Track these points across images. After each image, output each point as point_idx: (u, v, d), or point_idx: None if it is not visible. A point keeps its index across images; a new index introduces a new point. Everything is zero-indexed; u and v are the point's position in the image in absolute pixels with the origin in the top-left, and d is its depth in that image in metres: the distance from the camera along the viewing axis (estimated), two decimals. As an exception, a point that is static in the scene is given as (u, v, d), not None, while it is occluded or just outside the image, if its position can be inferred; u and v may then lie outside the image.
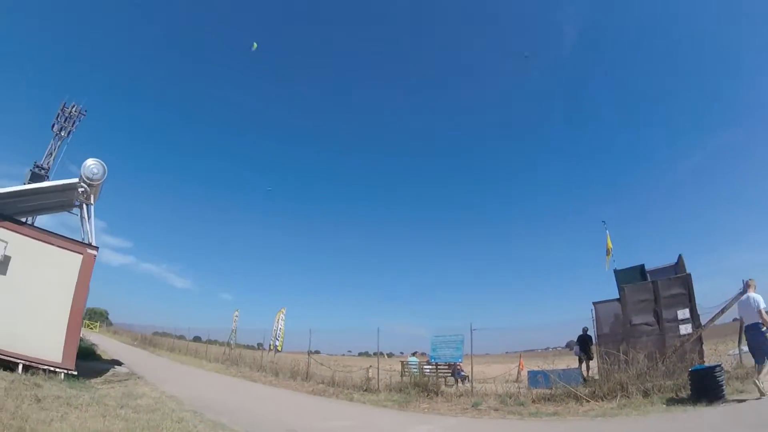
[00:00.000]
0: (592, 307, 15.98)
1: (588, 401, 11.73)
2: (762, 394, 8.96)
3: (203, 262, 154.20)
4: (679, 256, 14.75)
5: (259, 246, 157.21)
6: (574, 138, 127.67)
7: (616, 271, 16.72)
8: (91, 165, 14.00)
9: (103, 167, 14.16)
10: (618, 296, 15.32)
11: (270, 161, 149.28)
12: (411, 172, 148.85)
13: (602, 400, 11.54)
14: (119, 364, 20.45)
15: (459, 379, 18.67)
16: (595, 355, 15.71)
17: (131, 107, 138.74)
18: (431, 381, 16.57)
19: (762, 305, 9.36)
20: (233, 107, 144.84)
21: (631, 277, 15.76)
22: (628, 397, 11.23)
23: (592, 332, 16.28)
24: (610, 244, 18.59)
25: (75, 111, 30.58)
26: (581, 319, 16.90)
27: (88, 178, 13.93)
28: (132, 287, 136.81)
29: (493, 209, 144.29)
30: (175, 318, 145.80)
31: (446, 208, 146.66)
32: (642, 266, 15.95)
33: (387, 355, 23.53)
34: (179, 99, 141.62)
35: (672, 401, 10.29)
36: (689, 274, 13.51)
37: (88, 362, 17.52)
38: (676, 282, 13.67)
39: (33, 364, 11.68)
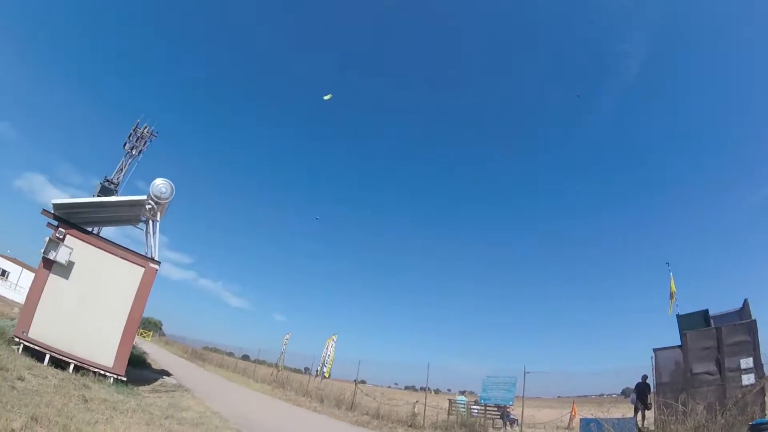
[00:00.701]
0: (653, 354, 15.13)
1: None
2: None
3: (260, 280, 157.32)
4: (745, 301, 13.66)
5: (316, 272, 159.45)
6: (639, 177, 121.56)
7: (678, 317, 15.74)
8: (160, 184, 14.87)
9: (171, 187, 15.00)
10: (680, 343, 14.37)
11: (331, 189, 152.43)
12: (475, 214, 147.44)
13: None
14: (168, 374, 20.90)
15: (508, 422, 17.99)
16: (652, 405, 14.72)
17: (201, 126, 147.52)
18: (479, 422, 16.19)
19: None
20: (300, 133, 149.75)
21: (694, 322, 14.76)
22: (684, 450, 10.41)
23: (651, 380, 15.26)
24: (673, 288, 17.55)
25: (147, 132, 32.91)
26: (640, 366, 16.02)
27: (156, 196, 14.74)
28: (188, 301, 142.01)
29: (553, 251, 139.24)
30: (227, 334, 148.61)
31: (506, 247, 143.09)
32: (706, 311, 14.90)
33: (434, 391, 22.96)
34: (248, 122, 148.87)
35: (728, 456, 9.43)
36: (754, 320, 12.46)
37: (138, 369, 18.06)
38: (741, 328, 12.63)
39: (84, 365, 12.29)
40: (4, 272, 54.20)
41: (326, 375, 26.63)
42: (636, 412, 15.52)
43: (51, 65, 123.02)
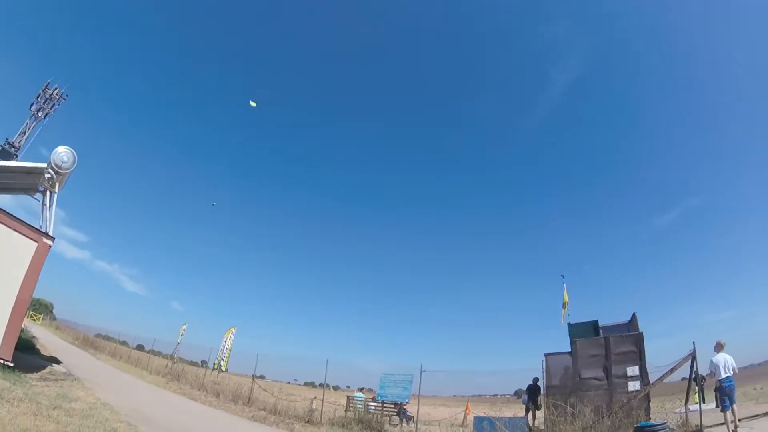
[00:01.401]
0: (544, 358, 15.86)
1: None
2: None
3: (159, 266, 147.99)
4: (633, 315, 14.93)
5: (216, 261, 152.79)
6: (542, 190, 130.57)
7: (569, 325, 16.80)
8: (62, 152, 13.53)
9: (74, 156, 13.72)
10: (570, 349, 15.34)
11: (234, 178, 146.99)
12: (378, 205, 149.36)
13: None
14: (57, 362, 19.41)
15: (404, 420, 18.21)
16: (542, 406, 15.59)
17: (114, 97, 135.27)
18: (376, 419, 16.26)
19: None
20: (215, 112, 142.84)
21: (584, 331, 15.85)
22: (573, 449, 11.09)
23: (541, 383, 16.17)
24: (566, 298, 18.78)
25: (57, 94, 29.46)
26: (532, 369, 16.83)
27: (56, 165, 13.47)
28: (82, 283, 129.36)
29: (455, 257, 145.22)
30: (121, 322, 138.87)
31: (408, 250, 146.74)
32: (596, 322, 16.09)
33: (333, 387, 22.87)
34: (163, 98, 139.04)
35: (616, 456, 10.22)
36: (641, 333, 13.69)
37: (26, 355, 16.80)
38: (628, 339, 13.81)
39: None
40: None
41: (223, 369, 25.61)
42: (527, 412, 16.41)
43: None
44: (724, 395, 10.57)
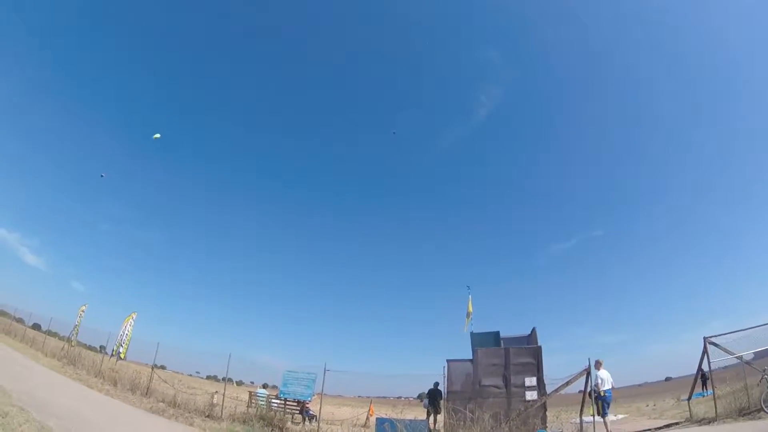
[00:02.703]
0: (446, 364, 16.47)
1: None
2: None
3: (62, 241, 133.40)
4: (533, 329, 16.13)
5: (123, 241, 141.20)
6: (461, 199, 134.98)
7: (472, 334, 17.74)
8: None
9: None
10: (471, 357, 16.20)
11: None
12: (286, 203, 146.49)
13: None
14: None
15: (307, 418, 18.22)
16: (443, 410, 16.15)
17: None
18: (278, 416, 16.18)
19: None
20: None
21: (486, 341, 16.82)
22: (472, 453, 11.77)
23: (442, 387, 16.84)
24: (470, 308, 19.79)
25: None
26: (434, 374, 17.38)
27: None
28: None
29: (364, 251, 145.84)
30: (18, 297, 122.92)
31: (315, 241, 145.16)
32: (497, 333, 17.13)
33: (236, 382, 22.28)
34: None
35: (512, 461, 11.01)
36: (540, 346, 14.82)
37: None
38: (528, 352, 14.90)
39: None
40: None
41: (122, 356, 23.96)
42: (428, 415, 16.97)
43: None
44: (606, 404, 12.58)
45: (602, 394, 13.13)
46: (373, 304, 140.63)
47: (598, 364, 13.76)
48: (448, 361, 16.61)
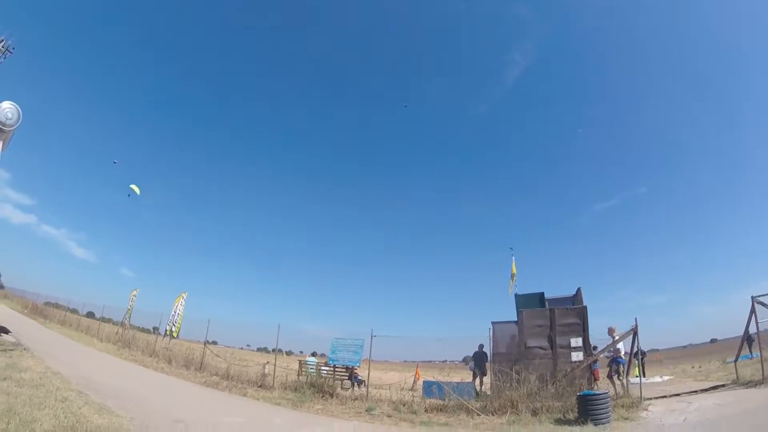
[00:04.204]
0: (491, 326, 16.55)
1: (479, 415, 12.19)
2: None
3: (108, 232, 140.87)
4: (578, 289, 15.78)
5: (166, 225, 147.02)
6: (500, 163, 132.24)
7: (516, 296, 17.64)
8: (6, 108, 12.64)
9: (18, 112, 12.83)
10: (516, 319, 16.13)
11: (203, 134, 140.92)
12: (326, 172, 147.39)
13: (492, 415, 12.08)
14: (6, 331, 18.79)
15: (355, 383, 18.68)
16: (488, 372, 16.27)
17: (63, 55, 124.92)
18: (328, 382, 16.51)
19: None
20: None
21: (530, 302, 16.65)
22: (518, 414, 11.81)
23: (487, 349, 16.88)
24: (514, 270, 19.57)
25: (2, 47, 27.28)
26: (479, 336, 17.45)
27: (0, 123, 12.60)
28: (29, 250, 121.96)
29: (406, 219, 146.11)
30: (70, 289, 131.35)
31: (357, 209, 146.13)
32: (542, 294, 16.89)
33: (286, 353, 23.04)
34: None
35: (559, 422, 10.96)
36: (585, 307, 14.55)
37: None
38: (573, 312, 14.69)
39: None
40: None
41: (175, 335, 25.15)
42: (474, 377, 17.03)
43: None
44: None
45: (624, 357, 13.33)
46: (417, 269, 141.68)
47: (611, 331, 14.06)
48: (493, 323, 16.63)
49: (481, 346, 17.36)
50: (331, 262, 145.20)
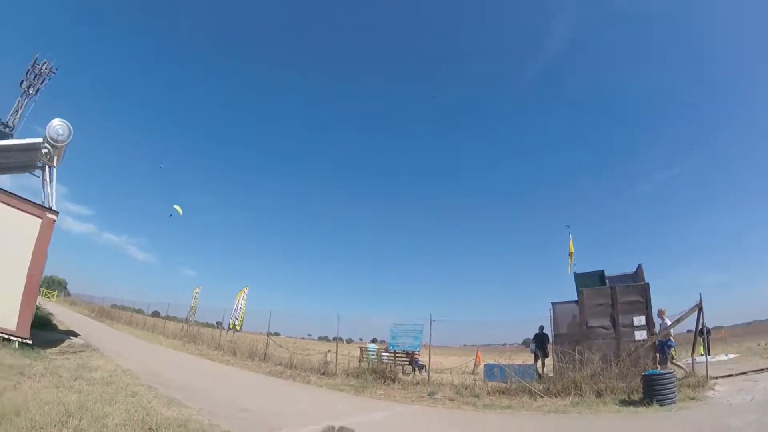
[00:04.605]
0: (551, 307, 16.30)
1: (542, 397, 12.11)
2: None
3: (167, 235, 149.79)
4: (639, 266, 15.26)
5: (224, 224, 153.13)
6: (550, 138, 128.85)
7: (576, 275, 17.16)
8: (57, 125, 13.47)
9: (69, 129, 13.65)
10: (576, 299, 15.75)
11: (241, 135, 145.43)
12: (382, 161, 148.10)
13: (556, 397, 11.96)
14: (75, 335, 19.88)
15: (416, 368, 18.80)
16: (550, 354, 16.09)
17: (106, 67, 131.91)
18: (389, 368, 16.75)
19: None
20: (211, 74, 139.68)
21: (590, 281, 16.21)
22: (581, 395, 11.65)
23: (548, 331, 16.68)
24: (572, 248, 19.09)
25: (46, 68, 29.01)
26: (539, 317, 17.25)
27: (52, 139, 13.43)
28: (92, 257, 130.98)
29: (461, 203, 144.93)
30: (135, 291, 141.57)
31: (414, 198, 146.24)
32: (602, 272, 16.42)
33: (346, 341, 23.52)
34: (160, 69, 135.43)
35: (624, 402, 10.75)
36: (647, 284, 14.02)
37: (43, 332, 17.14)
38: (634, 290, 14.18)
39: None
40: None
41: (238, 328, 26.20)
42: (536, 359, 16.93)
43: None
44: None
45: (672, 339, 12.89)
46: (473, 254, 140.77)
47: (661, 313, 13.57)
48: (553, 303, 16.39)
49: (542, 328, 17.21)
50: (387, 249, 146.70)
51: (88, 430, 5.48)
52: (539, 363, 16.67)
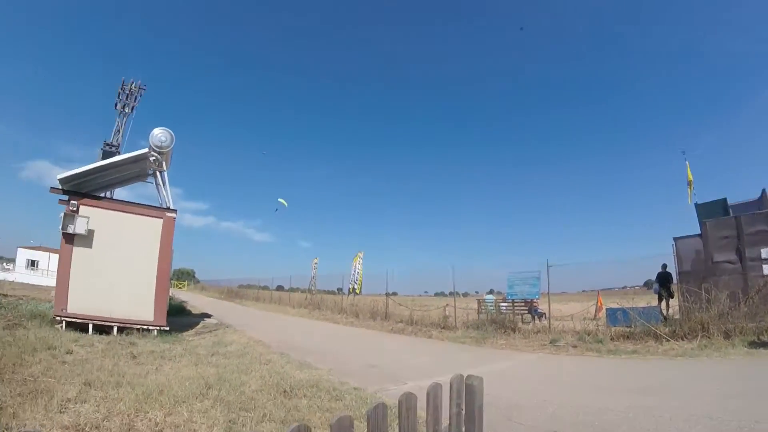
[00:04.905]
0: (673, 243, 15.58)
1: (668, 340, 11.74)
2: None
3: (279, 214, 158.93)
4: (763, 191, 14.09)
5: (331, 192, 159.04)
6: (657, 65, 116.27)
7: (697, 206, 16.12)
8: (158, 134, 14.54)
9: (170, 134, 14.70)
10: (699, 232, 14.90)
11: (336, 105, 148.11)
12: (482, 111, 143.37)
13: (682, 340, 11.56)
14: (208, 316, 21.79)
15: (536, 317, 18.98)
16: (675, 293, 15.20)
17: (187, 75, 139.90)
18: (508, 318, 16.95)
19: None
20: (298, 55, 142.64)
21: (713, 211, 15.19)
22: (709, 337, 11.20)
23: (671, 269, 15.94)
24: (690, 176, 17.82)
25: (135, 87, 32.02)
26: (660, 255, 16.57)
27: (157, 147, 14.48)
28: (215, 245, 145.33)
29: (567, 141, 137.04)
30: (258, 269, 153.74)
31: (520, 143, 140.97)
32: (724, 200, 15.31)
33: (462, 294, 24.14)
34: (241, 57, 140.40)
35: (754, 344, 10.28)
36: (774, 210, 12.94)
37: (179, 318, 18.79)
38: (761, 217, 13.08)
39: (127, 325, 12.73)
40: (33, 262, 56.44)
41: (357, 292, 27.82)
42: (660, 300, 16.20)
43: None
44: None
45: None
46: (586, 188, 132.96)
47: None
48: (675, 239, 15.72)
49: (665, 266, 16.48)
50: (497, 198, 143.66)
51: (227, 398, 5.92)
52: (663, 304, 15.97)
